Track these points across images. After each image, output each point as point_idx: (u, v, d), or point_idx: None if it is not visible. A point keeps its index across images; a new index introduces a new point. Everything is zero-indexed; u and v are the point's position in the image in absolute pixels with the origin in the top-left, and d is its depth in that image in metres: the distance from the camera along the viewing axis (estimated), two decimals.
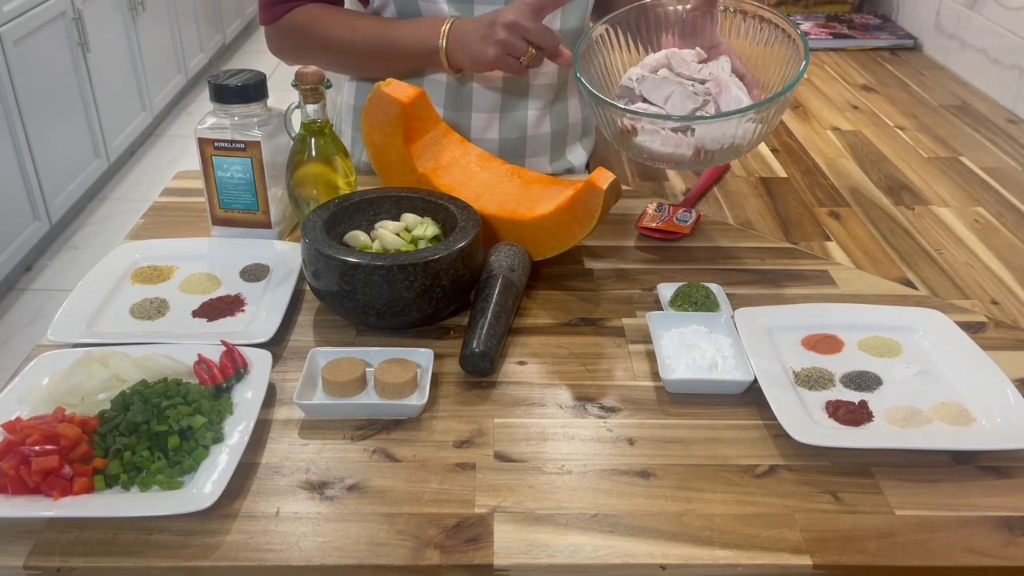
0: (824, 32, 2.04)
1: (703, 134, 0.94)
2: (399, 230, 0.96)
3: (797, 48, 1.01)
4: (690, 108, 1.00)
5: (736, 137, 0.94)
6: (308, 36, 1.17)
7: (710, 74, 1.03)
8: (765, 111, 0.93)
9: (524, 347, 0.90)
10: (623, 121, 0.96)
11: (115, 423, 0.73)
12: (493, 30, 1.04)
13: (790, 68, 1.01)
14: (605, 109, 0.97)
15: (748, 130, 0.94)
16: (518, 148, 1.23)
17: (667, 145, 0.94)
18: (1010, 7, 1.68)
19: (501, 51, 1.04)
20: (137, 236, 1.09)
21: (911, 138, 1.49)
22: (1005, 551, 0.68)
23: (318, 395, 0.82)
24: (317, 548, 0.67)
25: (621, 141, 1.00)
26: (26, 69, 2.62)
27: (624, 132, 0.96)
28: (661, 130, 0.94)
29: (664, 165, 1.00)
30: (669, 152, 0.95)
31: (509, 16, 1.03)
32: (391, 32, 1.13)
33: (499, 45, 1.04)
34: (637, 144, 0.95)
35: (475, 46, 1.06)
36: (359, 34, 1.14)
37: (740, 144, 0.96)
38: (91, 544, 0.67)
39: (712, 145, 0.95)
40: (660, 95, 1.01)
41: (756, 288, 1.01)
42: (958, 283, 1.06)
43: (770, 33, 1.05)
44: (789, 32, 1.02)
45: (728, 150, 0.97)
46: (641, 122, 0.95)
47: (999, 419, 0.78)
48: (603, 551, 0.67)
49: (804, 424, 0.77)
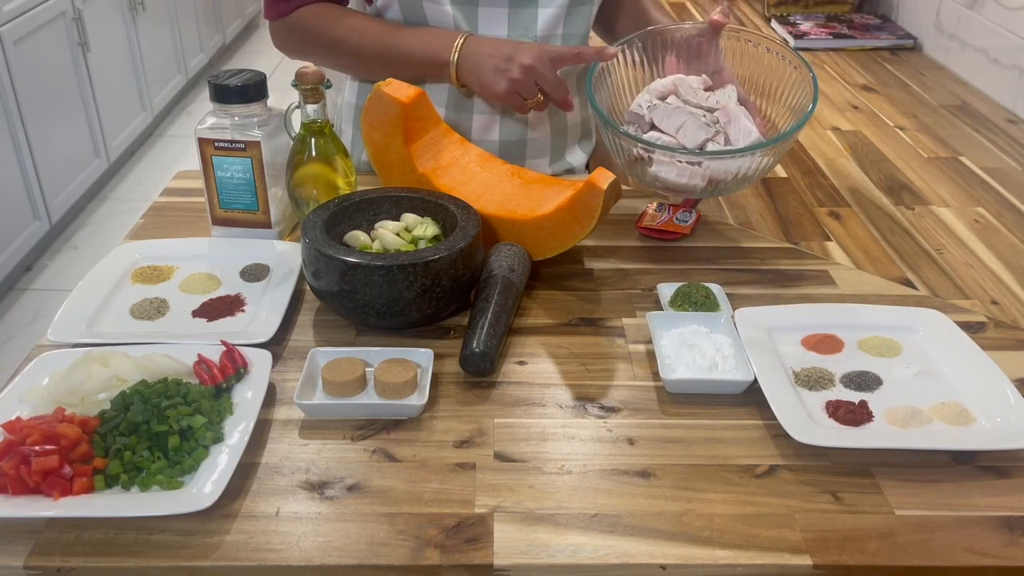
0: (824, 32, 2.04)
1: (715, 165, 0.95)
2: (399, 230, 0.96)
3: (801, 73, 1.02)
4: (702, 138, 1.01)
5: (746, 168, 0.96)
6: (315, 36, 1.16)
7: (717, 102, 1.04)
8: (778, 146, 0.94)
9: (524, 347, 0.90)
10: (638, 150, 0.96)
11: (115, 423, 0.73)
12: (509, 66, 1.04)
13: (795, 93, 1.03)
14: (621, 139, 0.98)
15: (757, 162, 0.96)
16: (518, 150, 1.23)
17: (682, 176, 0.95)
18: (1010, 7, 1.68)
19: (511, 89, 1.05)
20: (137, 236, 1.09)
21: (911, 138, 1.49)
22: (1005, 551, 0.68)
23: (318, 395, 0.82)
24: (317, 548, 0.67)
25: (633, 169, 1.00)
26: (26, 69, 2.62)
27: (638, 160, 0.97)
28: (677, 161, 0.95)
29: (676, 194, 1.01)
30: (684, 182, 0.96)
31: (527, 59, 1.03)
32: (400, 39, 1.12)
33: (511, 83, 1.05)
34: (651, 173, 0.96)
35: (487, 75, 1.06)
36: (367, 38, 1.14)
37: (749, 175, 0.98)
38: (91, 544, 0.67)
39: (723, 176, 0.97)
40: (672, 124, 1.02)
41: (756, 288, 1.01)
42: (958, 283, 1.06)
43: (774, 59, 1.07)
44: (793, 61, 1.04)
45: (738, 180, 0.99)
46: (656, 152, 0.95)
47: (999, 419, 0.78)
48: (603, 551, 0.67)
49: (804, 424, 0.77)
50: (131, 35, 3.40)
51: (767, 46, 1.08)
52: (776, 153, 0.96)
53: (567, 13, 1.14)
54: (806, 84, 1.02)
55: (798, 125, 0.96)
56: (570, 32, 1.16)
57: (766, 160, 0.96)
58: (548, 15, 1.13)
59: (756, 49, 1.10)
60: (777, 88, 1.08)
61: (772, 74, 1.08)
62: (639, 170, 1.00)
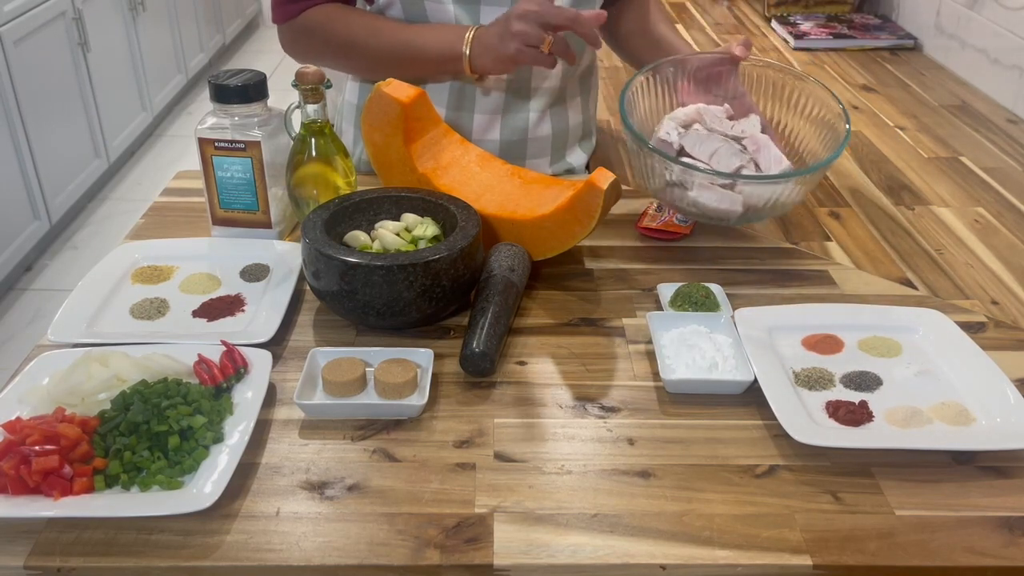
0: (824, 32, 2.04)
1: (751, 191, 0.96)
2: (399, 230, 0.96)
3: (821, 97, 1.04)
4: (736, 165, 1.02)
5: (780, 195, 0.97)
6: (327, 37, 1.15)
7: (742, 131, 1.05)
8: (816, 174, 0.97)
9: (524, 347, 0.90)
10: (674, 175, 0.97)
11: (115, 423, 0.73)
12: (507, 25, 1.04)
13: (820, 120, 1.05)
14: (658, 163, 0.98)
15: (792, 190, 0.97)
16: (519, 149, 1.23)
17: (721, 201, 0.96)
18: (1010, 7, 1.68)
19: (520, 43, 1.04)
20: (137, 236, 1.09)
21: (911, 138, 1.49)
22: (1005, 551, 0.68)
23: (318, 395, 0.82)
24: (317, 548, 0.67)
25: (666, 193, 1.01)
26: (26, 69, 2.62)
27: (674, 186, 0.98)
28: (715, 186, 0.96)
29: (712, 220, 1.02)
30: (723, 208, 0.96)
31: (521, 6, 1.03)
32: (414, 37, 1.12)
33: (516, 37, 1.04)
34: (691, 198, 0.97)
35: (496, 47, 1.06)
36: (381, 37, 1.13)
37: (783, 202, 0.99)
38: (91, 544, 0.67)
39: (757, 202, 0.98)
40: (705, 151, 1.03)
41: (756, 288, 1.01)
42: (958, 283, 1.06)
43: (796, 87, 1.09)
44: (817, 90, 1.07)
45: (771, 207, 1.00)
46: (696, 177, 0.96)
47: (999, 419, 0.78)
48: (603, 551, 0.67)
49: (804, 424, 0.77)
50: (131, 35, 3.40)
51: (789, 71, 1.11)
52: (811, 182, 0.97)
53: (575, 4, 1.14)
54: (831, 111, 1.05)
55: (834, 155, 0.98)
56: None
57: (800, 188, 0.98)
58: None
59: (778, 75, 1.12)
60: (802, 103, 1.10)
61: (797, 93, 1.11)
62: (672, 195, 1.00)
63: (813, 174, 0.96)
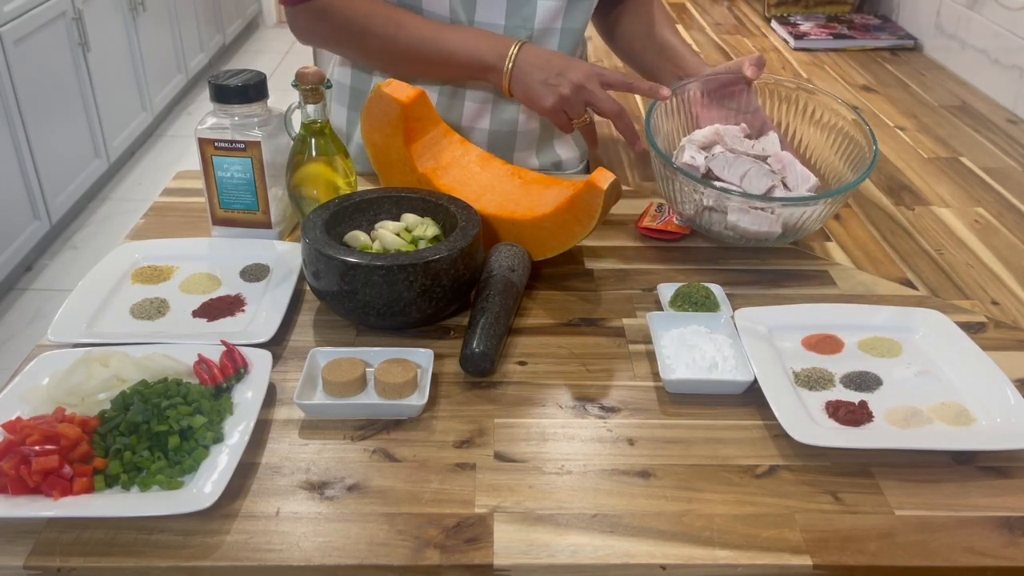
0: (824, 32, 2.04)
1: (788, 212, 0.96)
2: (399, 230, 0.96)
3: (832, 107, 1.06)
4: (767, 185, 1.02)
5: (816, 213, 0.97)
6: (344, 22, 1.12)
7: (764, 149, 1.05)
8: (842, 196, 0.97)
9: (524, 347, 0.90)
10: (709, 200, 0.97)
11: (115, 423, 0.73)
12: (559, 81, 1.04)
13: (834, 129, 1.06)
14: (691, 184, 0.98)
15: (820, 210, 0.97)
16: (508, 140, 1.22)
17: (760, 224, 0.96)
18: (1010, 7, 1.68)
19: (559, 106, 1.05)
20: (137, 236, 1.09)
21: (911, 138, 1.49)
22: (1005, 551, 0.68)
23: (318, 395, 0.82)
24: (317, 548, 0.67)
25: (700, 219, 1.01)
26: (26, 69, 2.62)
27: (709, 210, 0.98)
28: (752, 209, 0.96)
29: (751, 243, 1.02)
30: (763, 230, 0.97)
31: (579, 76, 1.03)
32: (442, 38, 1.10)
33: (560, 100, 1.05)
34: (731, 221, 0.97)
35: (535, 88, 1.06)
36: (403, 30, 1.10)
37: (819, 219, 0.99)
38: (91, 544, 0.67)
39: (793, 221, 0.98)
40: (735, 173, 1.03)
41: (756, 288, 1.01)
42: (958, 283, 1.06)
43: (809, 100, 1.10)
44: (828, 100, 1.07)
45: (806, 226, 1.00)
46: (733, 201, 0.95)
47: (999, 419, 0.78)
48: (603, 551, 0.67)
49: (804, 424, 0.77)
50: (131, 35, 3.40)
51: (800, 84, 1.12)
52: (838, 201, 0.98)
53: (567, 6, 1.14)
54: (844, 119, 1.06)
55: (866, 172, 0.98)
56: (569, 26, 1.16)
57: (828, 209, 0.98)
58: (548, 7, 1.13)
59: (789, 89, 1.13)
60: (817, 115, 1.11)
61: (812, 106, 1.11)
62: (708, 220, 1.00)
63: (848, 191, 0.96)
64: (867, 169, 0.99)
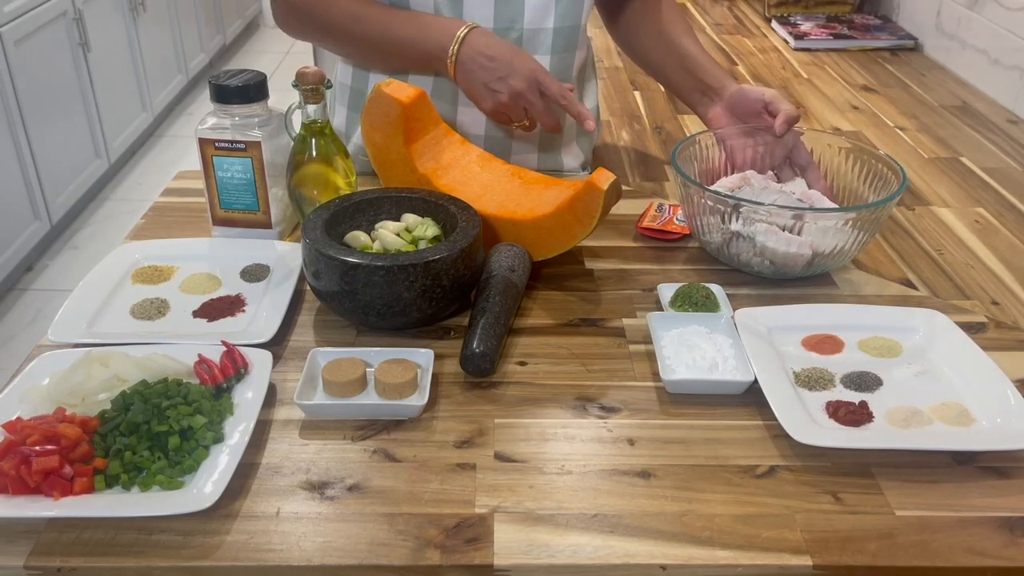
0: (824, 32, 2.04)
1: (816, 239, 0.96)
2: (399, 230, 0.96)
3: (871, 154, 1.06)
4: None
5: (845, 242, 0.97)
6: (310, 17, 1.13)
7: (792, 191, 1.04)
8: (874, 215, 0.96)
9: (524, 347, 0.90)
10: (734, 224, 0.97)
11: (115, 423, 0.73)
12: (500, 87, 1.04)
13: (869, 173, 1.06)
14: (716, 208, 0.98)
15: (852, 238, 0.97)
16: (504, 143, 1.21)
17: (790, 245, 0.96)
18: (1010, 7, 1.68)
19: (498, 110, 1.06)
20: (137, 236, 1.09)
21: (911, 138, 1.49)
22: (1005, 551, 0.68)
23: (318, 395, 0.82)
24: (317, 548, 0.67)
25: (729, 247, 1.00)
26: (27, 69, 2.62)
27: (738, 238, 0.97)
28: (780, 230, 0.96)
29: (781, 271, 1.00)
30: (793, 252, 0.96)
31: (519, 84, 1.03)
32: (394, 27, 1.09)
33: (499, 105, 1.05)
34: (760, 244, 0.96)
35: (477, 89, 1.06)
36: (360, 24, 1.10)
37: (847, 251, 0.98)
38: (91, 544, 0.67)
39: (822, 248, 0.97)
40: (764, 200, 1.02)
41: (756, 288, 1.01)
42: (958, 283, 1.06)
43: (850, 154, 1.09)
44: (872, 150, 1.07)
45: (834, 256, 0.99)
46: (759, 214, 0.96)
47: (999, 419, 0.78)
48: (603, 551, 0.67)
49: (804, 424, 0.77)
50: (132, 35, 3.40)
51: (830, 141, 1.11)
52: (875, 224, 0.97)
53: (556, 2, 1.12)
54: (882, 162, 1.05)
55: (897, 192, 0.97)
56: (561, 25, 1.13)
57: (864, 235, 0.97)
58: (535, 3, 1.11)
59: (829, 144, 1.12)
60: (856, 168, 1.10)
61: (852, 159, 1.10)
62: (737, 247, 0.99)
63: (874, 210, 0.95)
64: (897, 191, 0.97)
